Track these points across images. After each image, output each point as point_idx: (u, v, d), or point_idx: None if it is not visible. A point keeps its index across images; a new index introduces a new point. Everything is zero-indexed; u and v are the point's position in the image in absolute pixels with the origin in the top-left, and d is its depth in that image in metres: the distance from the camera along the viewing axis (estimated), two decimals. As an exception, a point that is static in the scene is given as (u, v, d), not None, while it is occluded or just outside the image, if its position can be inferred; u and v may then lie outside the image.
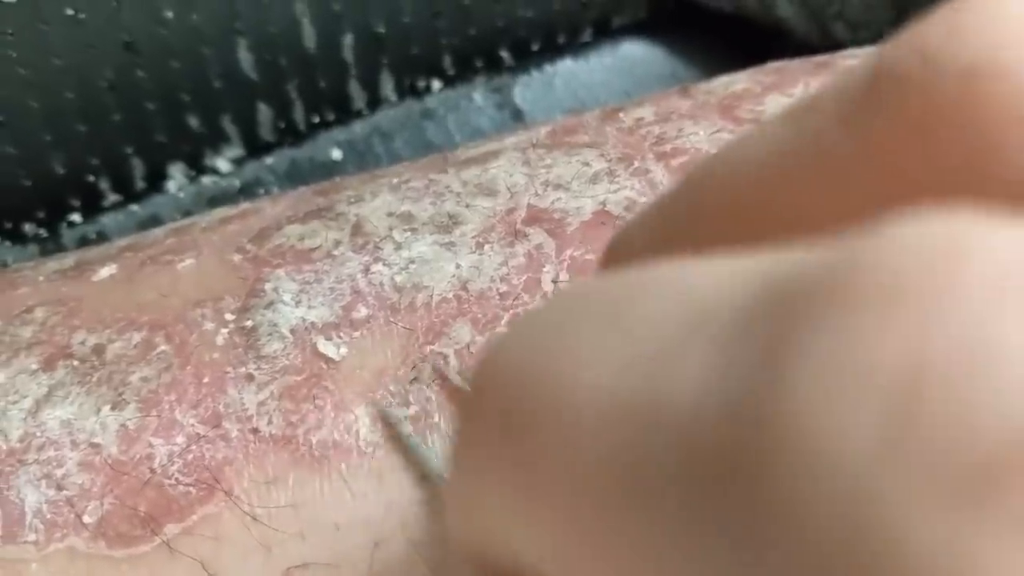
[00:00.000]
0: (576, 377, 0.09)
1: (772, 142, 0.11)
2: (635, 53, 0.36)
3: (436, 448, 0.17)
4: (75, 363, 0.19)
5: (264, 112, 0.32)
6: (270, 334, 0.19)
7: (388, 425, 0.18)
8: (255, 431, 0.18)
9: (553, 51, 0.36)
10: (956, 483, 0.06)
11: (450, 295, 0.19)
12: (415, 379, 0.18)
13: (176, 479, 0.17)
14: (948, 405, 0.06)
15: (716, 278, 0.08)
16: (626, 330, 0.09)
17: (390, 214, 0.21)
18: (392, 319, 0.19)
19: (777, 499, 0.07)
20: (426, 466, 0.17)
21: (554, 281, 0.20)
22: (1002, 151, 0.09)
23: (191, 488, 0.17)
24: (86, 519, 0.17)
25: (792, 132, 0.11)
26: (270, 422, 0.18)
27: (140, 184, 0.31)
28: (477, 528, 0.11)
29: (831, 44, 0.32)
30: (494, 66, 0.35)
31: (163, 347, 0.19)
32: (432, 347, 0.19)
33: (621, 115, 0.24)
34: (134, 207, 0.31)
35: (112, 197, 0.31)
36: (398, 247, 0.20)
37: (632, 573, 0.08)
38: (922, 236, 0.07)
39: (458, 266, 0.20)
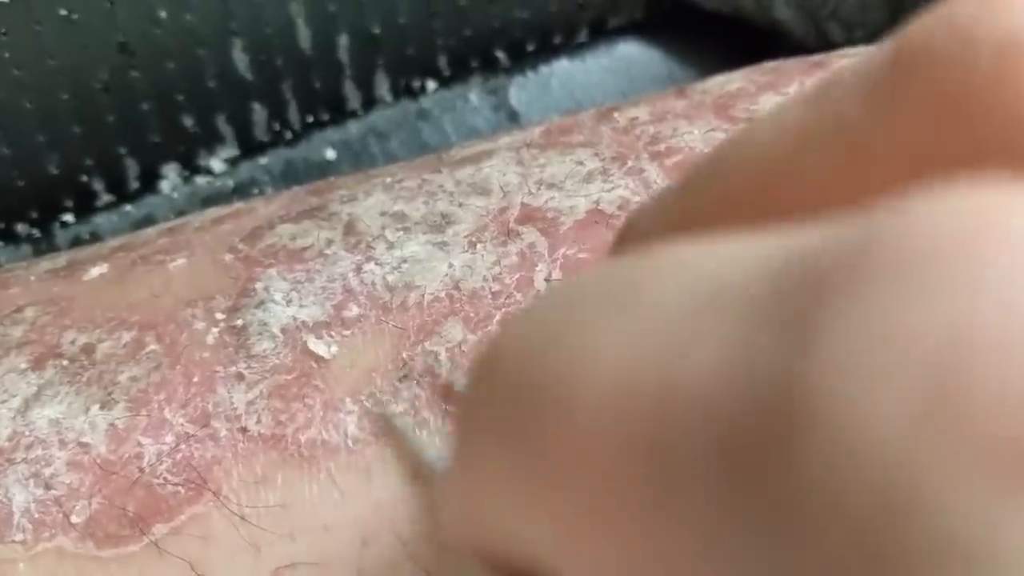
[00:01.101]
0: (588, 362, 0.09)
1: (792, 122, 0.11)
2: (631, 54, 0.36)
3: (433, 440, 0.17)
4: (65, 362, 0.19)
5: (259, 112, 0.32)
6: (260, 333, 0.19)
7: (383, 420, 0.18)
8: (244, 430, 0.18)
9: (549, 52, 0.36)
10: (1001, 459, 0.06)
11: (442, 294, 0.19)
12: (405, 376, 0.18)
13: (165, 479, 0.17)
14: (992, 378, 0.06)
15: (731, 256, 0.08)
16: (639, 312, 0.08)
17: (383, 213, 0.21)
18: (384, 318, 0.19)
19: (811, 476, 0.06)
20: (422, 458, 0.17)
21: (547, 280, 0.20)
22: None
23: (180, 488, 0.17)
24: (74, 519, 0.17)
25: (812, 111, 0.10)
26: (259, 421, 0.18)
27: (134, 184, 0.31)
28: (481, 519, 0.11)
29: (827, 45, 0.32)
30: (490, 67, 0.35)
31: (153, 346, 0.19)
32: (424, 345, 0.19)
33: (616, 115, 0.24)
34: (128, 207, 0.31)
35: (106, 197, 0.31)
36: (391, 246, 0.20)
37: (651, 561, 0.08)
38: (954, 207, 0.07)
39: (451, 265, 0.20)
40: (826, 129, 0.10)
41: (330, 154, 0.33)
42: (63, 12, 0.27)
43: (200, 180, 0.32)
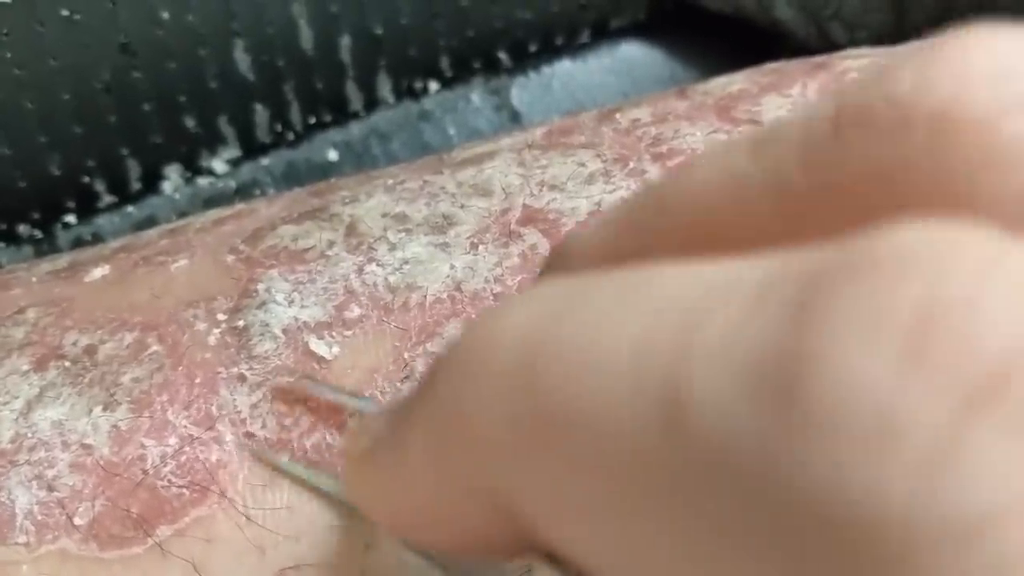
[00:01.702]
0: (603, 334, 0.10)
1: (735, 171, 0.12)
2: (633, 55, 0.36)
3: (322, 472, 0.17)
4: (67, 364, 0.19)
5: (261, 113, 0.32)
6: (262, 334, 0.19)
7: (273, 467, 0.17)
8: (249, 435, 0.18)
9: (551, 52, 0.36)
10: (959, 394, 0.08)
11: (444, 296, 0.19)
12: (407, 377, 0.18)
13: (169, 480, 0.17)
14: (950, 337, 0.08)
15: (726, 265, 0.10)
16: (649, 298, 0.10)
17: (385, 215, 0.21)
18: (385, 319, 0.19)
19: (816, 412, 0.08)
20: (324, 489, 0.17)
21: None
22: (969, 197, 0.10)
23: (184, 490, 0.17)
24: (77, 520, 0.17)
25: (754, 165, 0.12)
26: (264, 426, 0.18)
27: (136, 185, 0.31)
28: (455, 489, 0.12)
29: (829, 45, 0.32)
30: (492, 67, 0.35)
31: (155, 347, 0.19)
32: (426, 346, 0.19)
33: (617, 116, 0.24)
34: (130, 208, 0.31)
35: (108, 198, 0.31)
36: (392, 248, 0.20)
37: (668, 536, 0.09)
38: (918, 230, 0.09)
39: (452, 267, 0.20)
40: (766, 187, 0.11)
41: (332, 155, 0.33)
42: (65, 12, 0.27)
43: (202, 181, 0.32)
